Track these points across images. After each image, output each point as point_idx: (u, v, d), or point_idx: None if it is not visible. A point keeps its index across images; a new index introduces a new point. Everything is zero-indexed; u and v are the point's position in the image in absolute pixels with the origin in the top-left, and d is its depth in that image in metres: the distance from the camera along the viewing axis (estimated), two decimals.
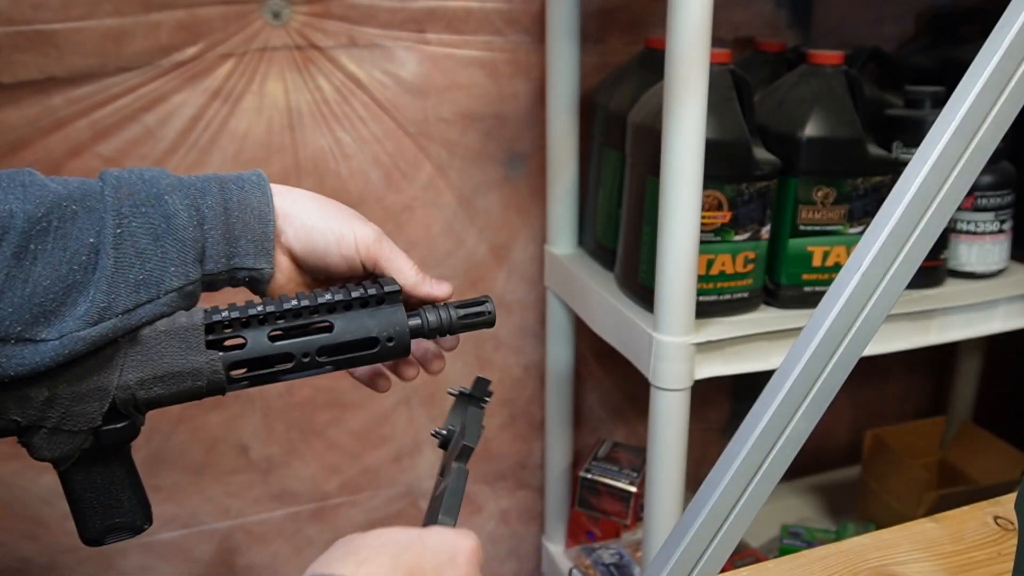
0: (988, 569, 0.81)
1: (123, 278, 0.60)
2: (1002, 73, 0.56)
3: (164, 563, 1.39)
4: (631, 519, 1.44)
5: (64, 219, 0.59)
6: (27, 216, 0.57)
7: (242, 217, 0.65)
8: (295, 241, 0.68)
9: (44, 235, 0.58)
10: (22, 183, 0.58)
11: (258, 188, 0.66)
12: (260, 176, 0.68)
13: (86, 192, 0.61)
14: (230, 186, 0.66)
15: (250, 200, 0.66)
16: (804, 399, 0.59)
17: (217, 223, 0.64)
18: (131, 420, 0.62)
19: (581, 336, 1.44)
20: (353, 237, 0.68)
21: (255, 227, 0.66)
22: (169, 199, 0.63)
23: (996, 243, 1.23)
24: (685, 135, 0.97)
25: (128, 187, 0.62)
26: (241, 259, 0.65)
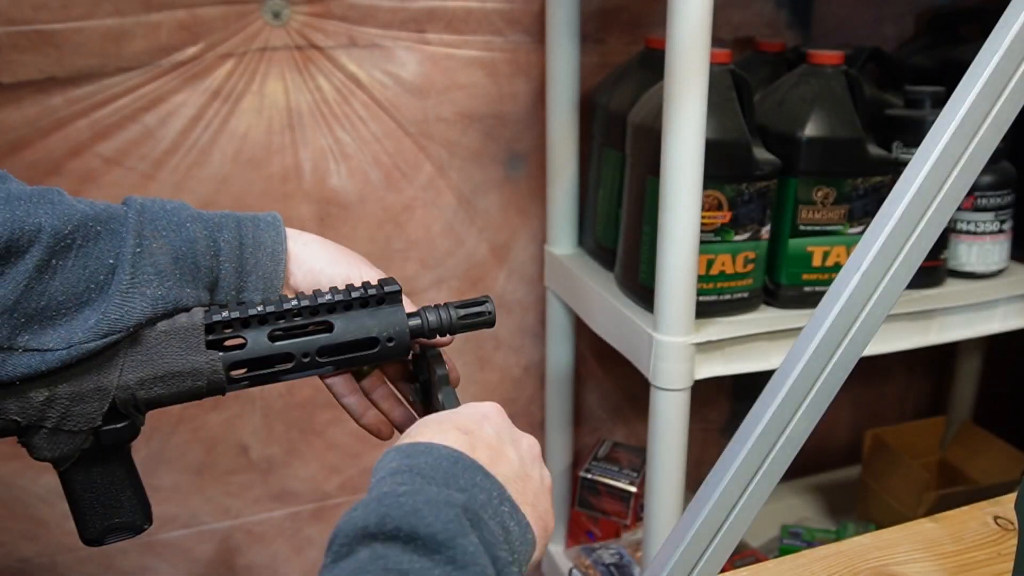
0: (988, 569, 0.81)
1: (139, 292, 0.61)
2: (1002, 73, 0.56)
3: (164, 563, 1.39)
4: (631, 519, 1.44)
5: (88, 238, 0.60)
6: (54, 231, 0.58)
7: (255, 254, 0.67)
8: (303, 284, 0.70)
9: (67, 252, 0.59)
10: (51, 200, 0.60)
11: (273, 228, 0.69)
12: (276, 218, 0.70)
13: (112, 215, 0.62)
14: (246, 224, 0.68)
15: (264, 239, 0.68)
16: (804, 399, 0.59)
17: (231, 257, 0.66)
18: (131, 420, 0.62)
19: (581, 336, 1.44)
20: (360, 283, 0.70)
21: (267, 265, 0.67)
22: (191, 226, 0.65)
23: (996, 243, 1.23)
24: (685, 135, 0.97)
25: (151, 213, 0.64)
26: (250, 294, 0.67)
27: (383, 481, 0.50)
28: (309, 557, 1.48)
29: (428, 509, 0.46)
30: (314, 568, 1.49)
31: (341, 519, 0.47)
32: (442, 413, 0.58)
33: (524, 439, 0.61)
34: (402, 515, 0.45)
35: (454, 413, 0.58)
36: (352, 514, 0.47)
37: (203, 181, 1.24)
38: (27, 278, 0.57)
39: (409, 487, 0.48)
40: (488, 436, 0.56)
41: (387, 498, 0.47)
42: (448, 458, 0.52)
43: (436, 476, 0.50)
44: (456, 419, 0.57)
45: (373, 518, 0.45)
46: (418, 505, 0.46)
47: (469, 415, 0.58)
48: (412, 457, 0.51)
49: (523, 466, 0.58)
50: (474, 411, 0.59)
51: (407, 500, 0.47)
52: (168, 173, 1.22)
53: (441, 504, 0.46)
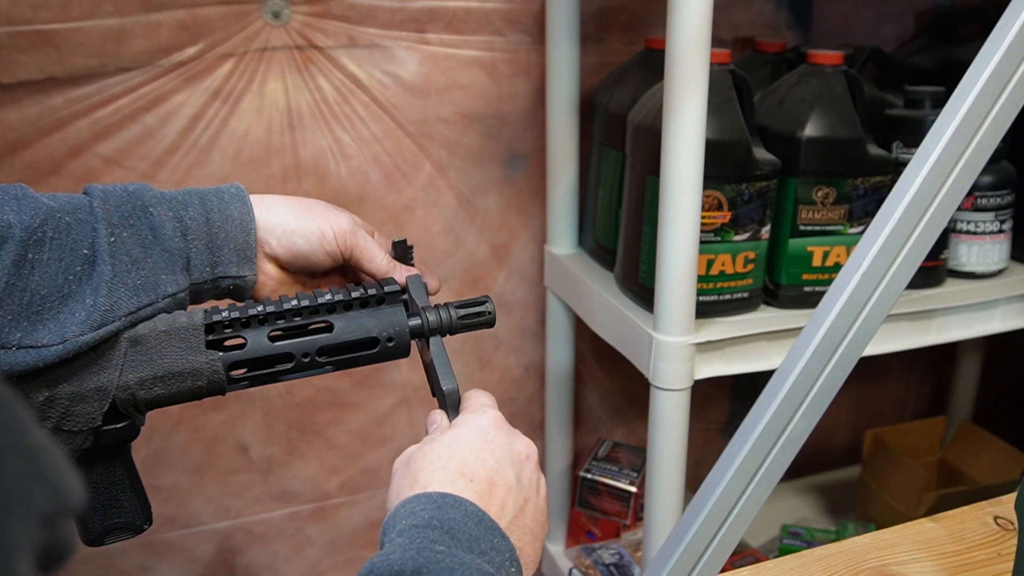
0: (988, 569, 0.81)
1: (122, 283, 0.61)
2: (1002, 73, 0.56)
3: (164, 563, 1.39)
4: (631, 519, 1.44)
5: (59, 230, 0.60)
6: (24, 227, 0.59)
7: (224, 227, 0.67)
8: (279, 248, 0.70)
9: (41, 245, 0.59)
10: (16, 196, 0.60)
11: (237, 199, 0.69)
12: (239, 188, 0.70)
13: (76, 205, 0.63)
14: (210, 199, 0.68)
15: (230, 211, 0.68)
16: (804, 399, 0.59)
17: (200, 234, 0.66)
18: (131, 420, 0.62)
19: (581, 336, 1.44)
20: (332, 232, 0.71)
21: (237, 236, 0.68)
22: (154, 210, 0.65)
23: (996, 243, 1.23)
24: (685, 135, 0.97)
25: (114, 199, 0.64)
26: (225, 268, 0.67)
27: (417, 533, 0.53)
28: (309, 557, 1.48)
29: (460, 571, 0.50)
30: (314, 568, 1.49)
31: (377, 558, 0.51)
32: (446, 452, 0.60)
33: (521, 448, 0.63)
34: (437, 570, 0.49)
35: (457, 449, 0.60)
36: (389, 556, 0.50)
37: (203, 181, 1.24)
38: (6, 274, 0.58)
39: (444, 548, 0.52)
40: (490, 470, 0.59)
41: (424, 551, 0.51)
42: (473, 517, 0.55)
43: (463, 537, 0.54)
44: (460, 463, 0.59)
45: (410, 565, 0.49)
46: (453, 565, 0.50)
47: (470, 449, 0.60)
48: (443, 510, 0.55)
49: (521, 489, 0.60)
50: (475, 439, 0.61)
51: (443, 559, 0.50)
52: (168, 173, 1.22)
53: (473, 570, 0.51)
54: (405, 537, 0.53)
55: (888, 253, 0.57)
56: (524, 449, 0.63)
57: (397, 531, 0.54)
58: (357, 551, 1.50)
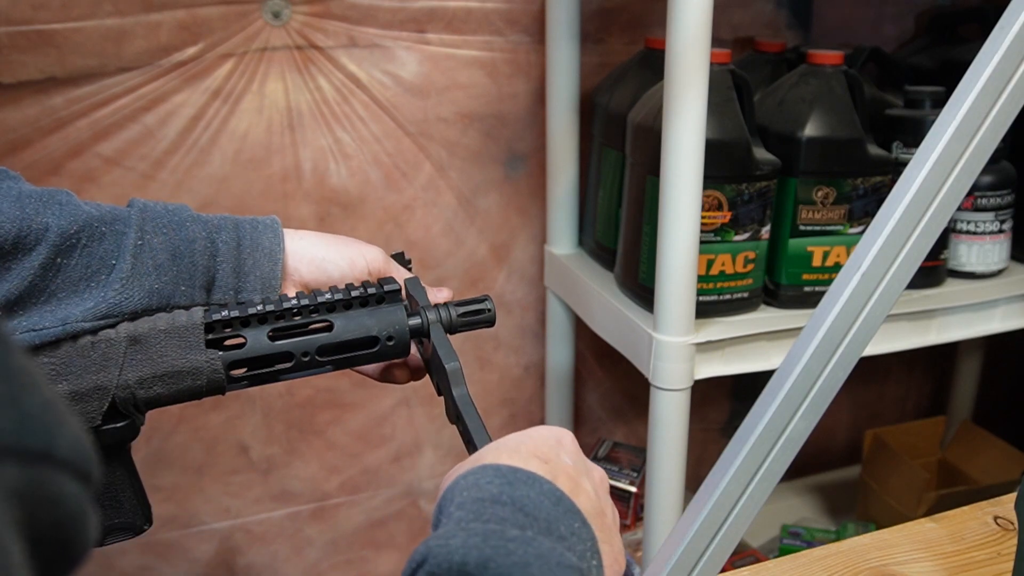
0: (988, 569, 0.81)
1: (138, 283, 0.63)
2: (1002, 73, 0.56)
3: (164, 563, 1.39)
4: (631, 519, 1.44)
5: (93, 238, 0.62)
6: (60, 231, 0.60)
7: (253, 255, 0.68)
8: (309, 276, 0.71)
9: (72, 251, 0.61)
10: (59, 201, 0.62)
11: (271, 230, 0.70)
12: (275, 221, 0.71)
13: (116, 216, 0.64)
14: (244, 226, 0.69)
15: (262, 240, 0.69)
16: (804, 399, 0.59)
17: (229, 258, 0.67)
18: (131, 419, 0.62)
19: (581, 336, 1.44)
20: (364, 260, 0.72)
21: (264, 265, 0.69)
22: (190, 226, 0.66)
23: (996, 243, 1.23)
24: (685, 135, 0.97)
25: (152, 212, 0.66)
26: (248, 294, 0.68)
27: (483, 508, 0.45)
28: (309, 557, 1.48)
29: (538, 564, 0.42)
30: (314, 568, 1.49)
31: (434, 541, 0.43)
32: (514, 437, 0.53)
33: (595, 470, 0.57)
34: (509, 564, 0.41)
35: (528, 437, 0.53)
36: (449, 542, 0.42)
37: (203, 181, 1.24)
38: (32, 275, 0.59)
39: (518, 532, 0.44)
40: (567, 466, 0.52)
41: (493, 538, 0.42)
42: (551, 496, 0.47)
43: (539, 516, 0.46)
44: (532, 445, 0.52)
45: (475, 556, 0.41)
46: (528, 557, 0.42)
47: (544, 440, 0.53)
48: (515, 486, 0.47)
49: (599, 501, 0.53)
50: (548, 436, 0.54)
51: (516, 548, 0.42)
52: (168, 173, 1.22)
53: (553, 563, 0.42)
54: (467, 511, 0.45)
55: (888, 253, 0.57)
56: (598, 472, 0.57)
57: (456, 504, 0.46)
58: (357, 551, 1.50)
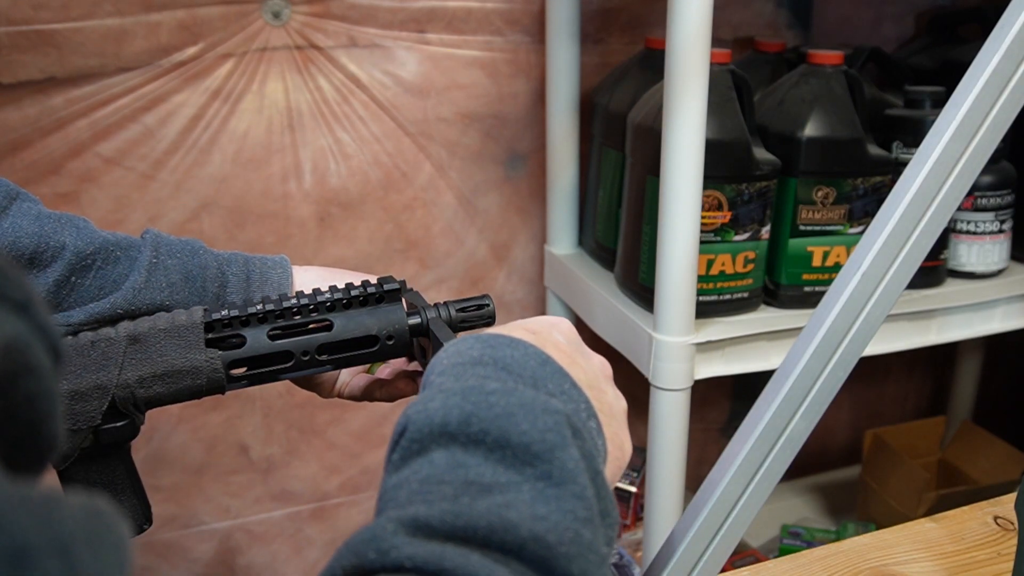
0: (988, 569, 0.81)
1: (148, 296, 0.65)
2: (1002, 73, 0.56)
3: (164, 563, 1.39)
4: (631, 519, 1.44)
5: (107, 261, 0.64)
6: (76, 251, 0.63)
7: (262, 288, 0.70)
8: None
9: (86, 271, 0.63)
10: (77, 225, 0.65)
11: (280, 266, 0.72)
12: (284, 259, 0.73)
13: (131, 243, 0.67)
14: (254, 262, 0.71)
15: (270, 275, 0.71)
16: (804, 399, 0.59)
17: (238, 289, 0.69)
18: (131, 419, 0.62)
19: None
20: None
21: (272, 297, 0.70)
22: (203, 255, 0.68)
23: (996, 243, 1.23)
24: (685, 135, 0.97)
25: (166, 240, 0.68)
26: None
27: (463, 370, 0.43)
28: (309, 557, 1.48)
29: (523, 413, 0.39)
30: (314, 568, 1.49)
31: (411, 408, 0.40)
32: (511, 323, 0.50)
33: (595, 356, 0.53)
34: (491, 417, 0.38)
35: (521, 320, 0.51)
36: (428, 405, 0.40)
37: (203, 181, 1.24)
38: (45, 291, 0.62)
39: (499, 385, 0.41)
40: (558, 342, 0.48)
41: (473, 393, 0.40)
42: (536, 357, 0.44)
43: (523, 373, 0.43)
44: (523, 323, 0.49)
45: (456, 415, 0.39)
46: (511, 407, 0.39)
47: (537, 321, 0.50)
48: (496, 349, 0.44)
49: (596, 379, 0.50)
50: (543, 319, 0.51)
51: (498, 400, 0.39)
52: (168, 173, 1.22)
53: (539, 410, 0.39)
54: (448, 376, 0.43)
55: (888, 253, 0.57)
56: (598, 358, 0.53)
57: (438, 372, 0.44)
58: None
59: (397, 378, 0.76)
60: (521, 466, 0.38)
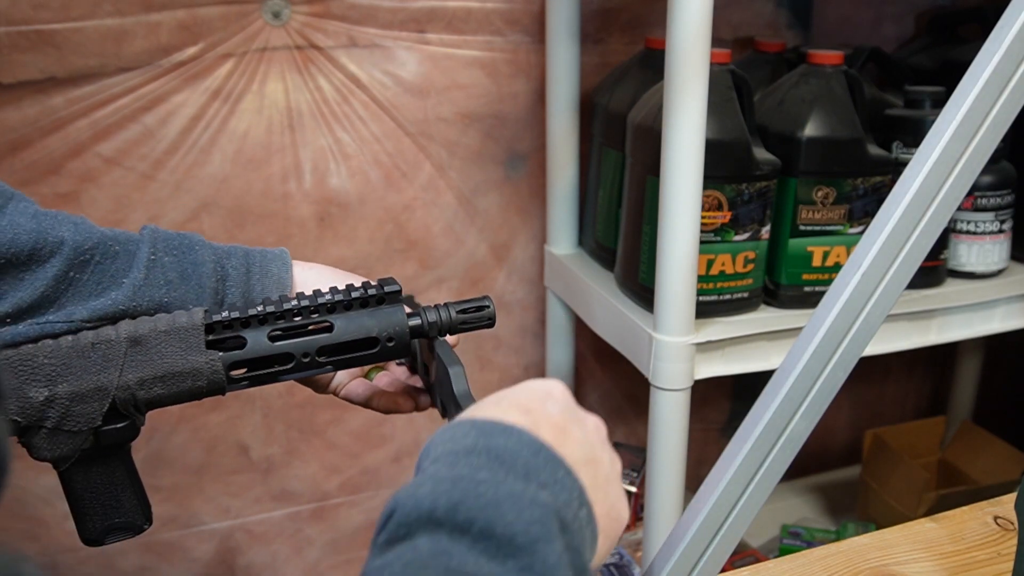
0: (988, 569, 0.81)
1: (148, 294, 0.65)
2: (1002, 73, 0.56)
3: (164, 563, 1.39)
4: (631, 519, 1.44)
5: (106, 256, 0.65)
6: (75, 246, 0.63)
7: (262, 281, 0.70)
8: None
9: (85, 266, 0.64)
10: (74, 221, 0.65)
11: (280, 260, 0.72)
12: (284, 252, 0.73)
13: (129, 238, 0.67)
14: (254, 255, 0.71)
15: (270, 268, 0.71)
16: (804, 399, 0.59)
17: (238, 282, 0.69)
18: (131, 420, 0.62)
19: (581, 336, 1.44)
20: None
21: (272, 292, 0.70)
22: (200, 250, 0.68)
23: (996, 243, 1.23)
24: (685, 135, 0.97)
25: (164, 234, 0.68)
26: None
27: (456, 459, 0.43)
28: (309, 557, 1.48)
29: (510, 504, 0.40)
30: (314, 568, 1.49)
31: (402, 492, 0.41)
32: (501, 392, 0.50)
33: (590, 419, 0.53)
34: (479, 506, 0.39)
35: (513, 390, 0.50)
36: (418, 491, 0.40)
37: (203, 181, 1.24)
38: (44, 286, 0.62)
39: (489, 475, 0.41)
40: (551, 415, 0.48)
41: (463, 482, 0.40)
42: (529, 445, 0.44)
43: (516, 464, 0.43)
44: (516, 397, 0.49)
45: (443, 501, 0.39)
46: (499, 498, 0.40)
47: (531, 392, 0.50)
48: (491, 437, 0.44)
49: (592, 448, 0.50)
50: (536, 387, 0.51)
51: (486, 490, 0.40)
52: (168, 173, 1.22)
53: (526, 502, 0.40)
54: (441, 464, 0.43)
55: (888, 253, 0.57)
56: (592, 420, 0.53)
57: (432, 459, 0.45)
58: (357, 551, 1.50)
59: (397, 392, 0.76)
60: (504, 558, 0.38)
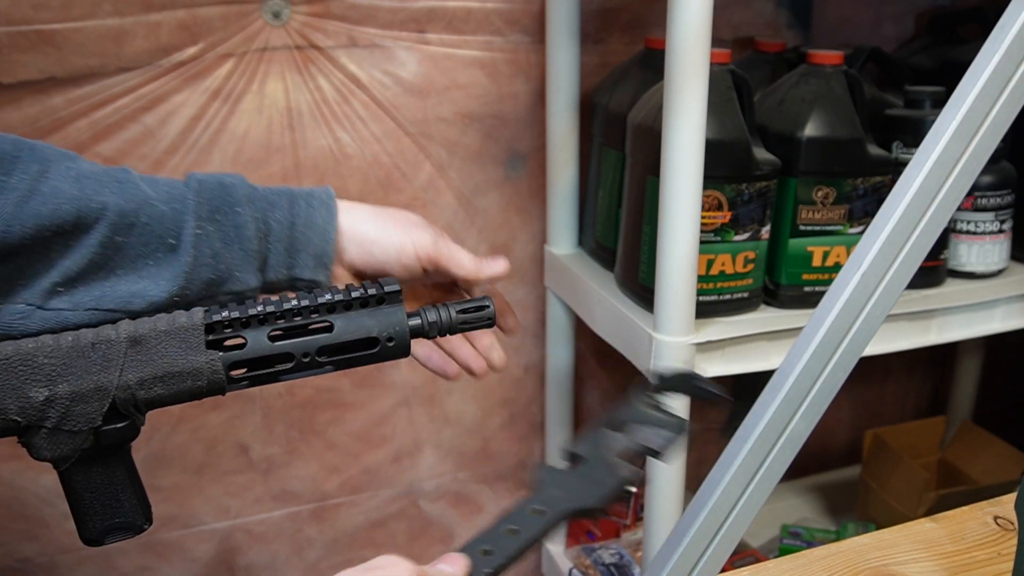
0: (988, 569, 0.81)
1: (198, 275, 0.65)
2: (1002, 73, 0.56)
3: (164, 563, 1.39)
4: (631, 519, 1.44)
5: (153, 217, 0.64)
6: (119, 210, 0.63)
7: (306, 233, 0.70)
8: (357, 258, 0.73)
9: (130, 230, 0.64)
10: (118, 179, 0.64)
11: (325, 206, 0.72)
12: (329, 194, 0.73)
13: (172, 195, 0.66)
14: (299, 203, 0.71)
15: (315, 218, 0.71)
16: (804, 399, 0.59)
17: (282, 237, 0.69)
18: (131, 420, 0.62)
19: (581, 336, 1.44)
20: (413, 247, 0.74)
21: (317, 243, 0.70)
22: (241, 210, 0.68)
23: (996, 243, 1.23)
24: (685, 135, 0.97)
25: (208, 191, 0.67)
26: (300, 271, 0.70)
27: None
28: (309, 557, 1.48)
29: None
30: (314, 568, 1.49)
31: None
32: None
33: None
34: None
35: None
36: None
37: None
38: (92, 253, 0.62)
39: None
40: None
41: None
42: None
43: None
44: None
45: None
46: None
47: None
48: None
49: None
50: None
51: None
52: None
53: None
54: None
55: (888, 253, 0.57)
56: None
57: None
58: (357, 551, 1.50)
59: None
60: None
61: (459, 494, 1.55)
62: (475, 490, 1.55)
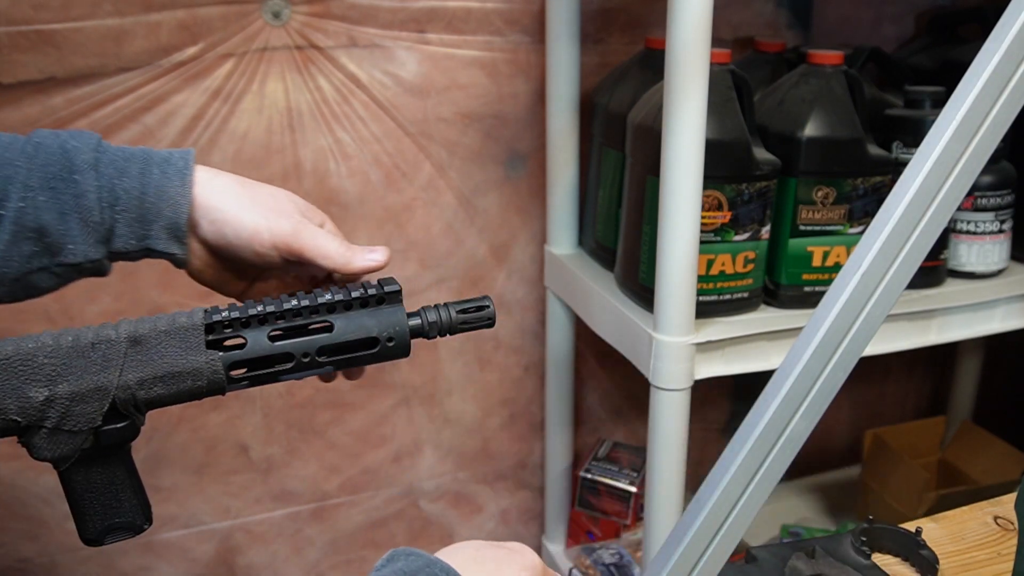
0: (988, 569, 0.81)
1: (17, 250, 0.63)
2: (1002, 73, 0.56)
3: (164, 563, 1.39)
4: (631, 519, 1.44)
5: None
6: None
7: (157, 204, 0.66)
8: (210, 235, 0.69)
9: None
10: None
11: (180, 175, 0.67)
12: (187, 161, 0.68)
13: (3, 158, 0.63)
14: (152, 170, 0.66)
15: (168, 187, 0.66)
16: (804, 399, 0.59)
17: (131, 206, 0.65)
18: (131, 420, 0.62)
19: (581, 336, 1.44)
20: (269, 234, 0.68)
21: (168, 215, 0.66)
22: (81, 179, 0.64)
23: (996, 243, 1.23)
24: (685, 135, 0.97)
25: (45, 155, 0.63)
26: (153, 242, 0.67)
27: None
28: (309, 557, 1.48)
29: None
30: (314, 568, 1.49)
31: None
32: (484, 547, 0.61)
33: None
34: None
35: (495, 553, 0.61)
36: None
37: None
38: None
39: None
40: None
41: None
42: None
43: None
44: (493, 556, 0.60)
45: None
46: None
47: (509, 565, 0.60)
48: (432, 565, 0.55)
49: None
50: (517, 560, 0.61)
51: None
52: None
53: None
54: None
55: (888, 253, 0.57)
56: None
57: None
58: (357, 551, 1.51)
59: None
60: None
61: (459, 494, 1.55)
62: (475, 490, 1.55)
